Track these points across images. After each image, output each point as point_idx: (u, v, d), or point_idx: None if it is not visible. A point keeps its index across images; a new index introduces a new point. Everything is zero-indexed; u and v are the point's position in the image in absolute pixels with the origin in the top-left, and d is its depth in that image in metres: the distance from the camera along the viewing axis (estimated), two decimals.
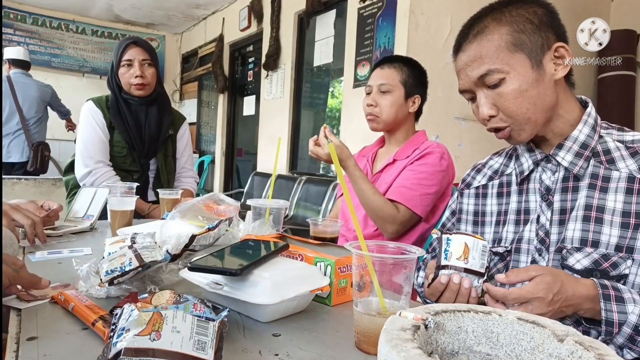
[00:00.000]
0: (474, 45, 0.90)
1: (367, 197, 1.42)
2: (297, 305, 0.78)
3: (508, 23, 0.88)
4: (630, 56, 3.64)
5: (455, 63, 0.96)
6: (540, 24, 0.87)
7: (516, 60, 0.86)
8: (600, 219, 0.86)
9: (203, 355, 0.53)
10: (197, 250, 0.95)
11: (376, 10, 3.25)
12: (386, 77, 1.55)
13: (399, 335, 0.41)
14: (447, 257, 0.82)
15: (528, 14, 0.88)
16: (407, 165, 1.50)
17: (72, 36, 6.51)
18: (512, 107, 0.88)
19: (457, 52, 0.95)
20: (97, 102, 1.94)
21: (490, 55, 0.87)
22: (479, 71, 0.89)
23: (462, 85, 0.95)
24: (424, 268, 1.15)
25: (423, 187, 1.44)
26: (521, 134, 0.91)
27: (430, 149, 1.50)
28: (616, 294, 0.78)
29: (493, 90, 0.89)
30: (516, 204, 0.99)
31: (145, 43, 1.95)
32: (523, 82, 0.86)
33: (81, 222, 1.44)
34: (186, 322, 0.55)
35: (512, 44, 0.86)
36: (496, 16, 0.89)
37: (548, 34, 0.87)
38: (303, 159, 4.51)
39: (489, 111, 0.91)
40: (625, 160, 0.88)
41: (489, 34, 0.88)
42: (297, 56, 4.41)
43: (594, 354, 0.38)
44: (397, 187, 1.47)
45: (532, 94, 0.87)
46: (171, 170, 2.08)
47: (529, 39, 0.86)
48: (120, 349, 0.50)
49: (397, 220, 1.42)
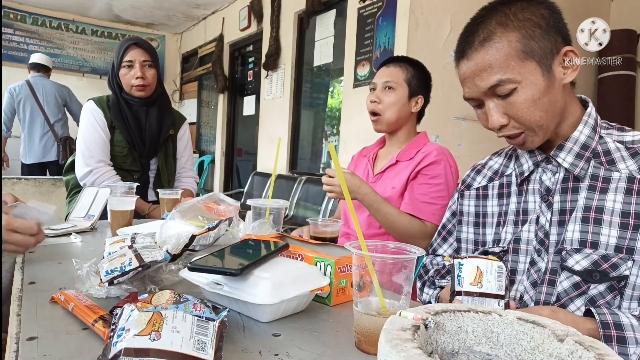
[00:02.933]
0: (481, 53, 0.86)
1: (394, 219, 1.42)
2: (297, 305, 0.78)
3: (516, 29, 0.84)
4: (630, 56, 3.64)
5: (458, 69, 0.93)
6: (548, 28, 0.85)
7: (527, 69, 0.84)
8: (600, 219, 0.85)
9: (203, 355, 0.53)
10: (197, 250, 0.95)
11: (376, 10, 3.24)
12: (391, 75, 1.56)
13: (399, 335, 0.41)
14: (459, 282, 0.78)
15: (535, 18, 0.85)
16: (414, 171, 1.49)
17: (72, 36, 6.50)
18: (524, 116, 0.86)
19: (461, 58, 0.91)
20: (98, 101, 1.94)
21: (500, 64, 0.85)
22: (489, 82, 0.86)
23: (469, 94, 0.92)
24: (429, 284, 1.12)
25: (442, 198, 1.45)
26: (534, 141, 0.90)
27: (434, 157, 1.49)
28: (618, 333, 0.75)
29: (504, 100, 0.87)
30: (515, 205, 0.99)
31: (147, 44, 1.95)
32: (535, 90, 0.84)
33: (82, 222, 1.44)
34: (186, 322, 0.55)
35: (522, 51, 0.84)
36: (501, 20, 0.86)
37: (556, 38, 0.85)
38: (303, 159, 4.50)
39: (500, 120, 0.89)
40: (626, 161, 0.87)
41: (497, 41, 0.85)
42: (297, 56, 4.41)
43: (594, 354, 0.38)
44: (417, 203, 1.46)
45: (544, 102, 0.85)
46: (172, 170, 2.09)
47: (539, 45, 0.84)
48: (120, 349, 0.50)
49: (428, 234, 1.41)
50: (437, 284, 1.10)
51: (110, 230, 1.36)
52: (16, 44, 6.04)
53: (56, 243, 1.22)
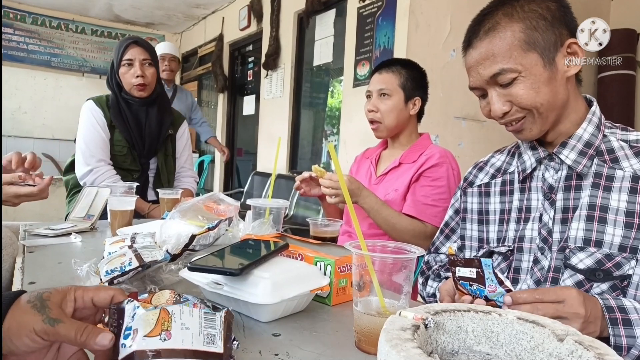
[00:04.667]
0: (485, 42, 0.88)
1: (394, 221, 1.42)
2: (297, 305, 0.78)
3: (521, 19, 0.86)
4: (630, 56, 3.63)
5: (465, 59, 0.95)
6: (554, 20, 0.86)
7: (529, 59, 0.85)
8: (604, 218, 0.85)
9: (214, 349, 0.52)
10: (197, 250, 0.95)
11: (376, 10, 3.24)
12: (385, 81, 1.55)
13: (399, 335, 0.41)
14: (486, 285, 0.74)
15: (541, 10, 0.86)
16: (416, 174, 1.49)
17: (72, 36, 6.49)
18: (525, 101, 0.87)
19: (467, 48, 0.93)
20: (98, 101, 1.94)
21: (502, 53, 0.86)
22: (491, 70, 0.88)
23: (473, 82, 0.94)
24: (433, 277, 1.12)
25: (443, 201, 1.46)
26: (532, 129, 0.90)
27: (437, 160, 1.49)
28: (623, 316, 0.75)
29: (505, 89, 0.88)
30: (518, 202, 0.99)
31: (146, 43, 1.95)
32: (536, 81, 0.86)
33: (82, 222, 1.44)
34: (194, 317, 0.54)
35: (525, 42, 0.85)
36: (507, 11, 0.88)
37: (561, 30, 0.86)
38: (303, 158, 4.50)
39: (502, 108, 0.90)
40: (630, 159, 0.87)
41: (501, 31, 0.87)
42: (297, 56, 4.40)
43: (593, 354, 0.38)
44: (419, 205, 1.46)
45: (545, 91, 0.86)
46: (171, 169, 2.09)
47: (542, 37, 0.85)
48: (133, 352, 0.48)
49: (428, 236, 1.42)
50: (442, 276, 1.11)
51: (110, 230, 1.36)
52: (16, 44, 6.03)
53: (56, 243, 1.22)
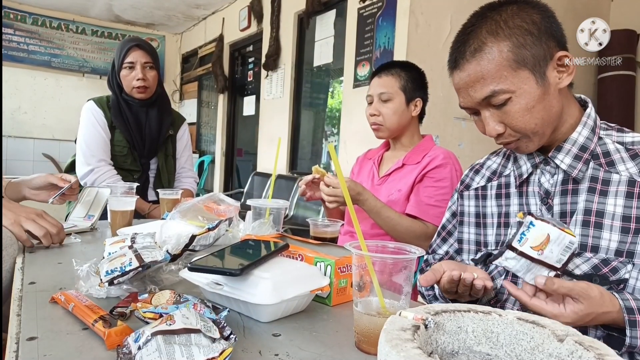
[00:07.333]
0: (473, 64, 0.85)
1: (396, 222, 1.42)
2: (297, 305, 0.78)
3: (507, 37, 0.83)
4: (630, 56, 3.63)
5: (452, 78, 0.92)
6: (540, 34, 0.83)
7: (520, 77, 0.83)
8: (600, 223, 0.85)
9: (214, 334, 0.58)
10: (197, 250, 0.95)
11: (376, 10, 3.24)
12: (385, 85, 1.55)
13: (399, 335, 0.41)
14: (520, 240, 0.75)
15: (526, 24, 0.83)
16: (420, 174, 1.50)
17: (72, 36, 6.49)
18: (519, 124, 0.86)
19: (454, 69, 0.90)
20: (98, 101, 1.95)
21: (492, 75, 0.84)
22: (482, 92, 0.86)
23: (464, 103, 0.92)
24: None
25: (447, 201, 1.45)
26: (529, 146, 0.90)
27: (441, 161, 1.50)
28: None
29: (499, 109, 0.87)
30: (517, 207, 0.98)
31: (148, 46, 1.96)
32: (530, 99, 0.84)
33: (82, 222, 1.44)
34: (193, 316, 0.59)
35: (514, 61, 0.83)
36: (492, 28, 0.85)
37: (549, 43, 0.84)
38: (303, 159, 4.50)
39: (496, 129, 0.88)
40: (626, 162, 0.87)
41: (488, 52, 0.84)
42: (297, 56, 4.40)
43: (593, 354, 0.38)
44: (422, 206, 1.46)
45: (539, 109, 0.85)
46: (172, 170, 2.09)
47: (531, 53, 0.83)
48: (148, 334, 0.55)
49: (429, 236, 1.41)
50: None
51: (110, 230, 1.36)
52: (16, 44, 6.03)
53: None
